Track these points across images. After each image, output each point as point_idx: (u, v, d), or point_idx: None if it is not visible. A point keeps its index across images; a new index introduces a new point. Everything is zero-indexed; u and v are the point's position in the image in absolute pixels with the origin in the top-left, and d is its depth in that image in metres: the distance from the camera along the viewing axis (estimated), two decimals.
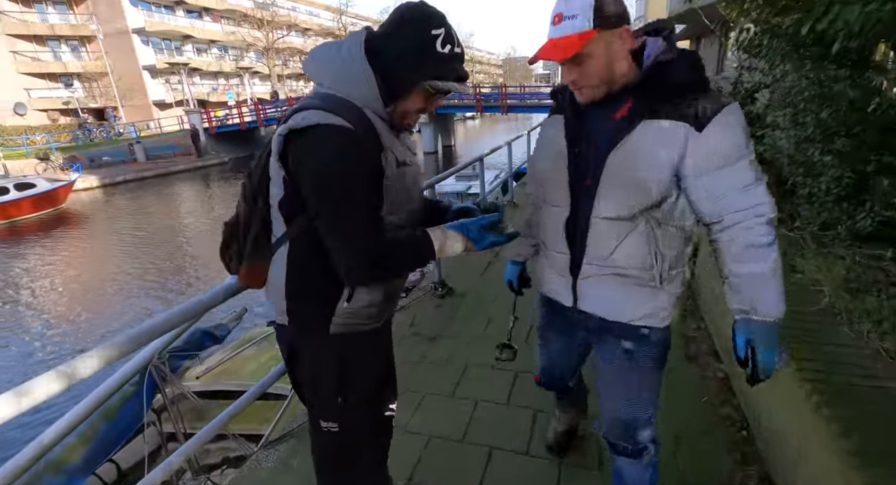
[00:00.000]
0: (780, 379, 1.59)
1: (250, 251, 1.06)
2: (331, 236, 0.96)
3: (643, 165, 1.02)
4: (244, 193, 1.07)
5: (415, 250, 1.02)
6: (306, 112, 0.92)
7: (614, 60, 1.01)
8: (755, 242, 0.99)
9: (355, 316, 1.06)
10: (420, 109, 1.03)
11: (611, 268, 1.12)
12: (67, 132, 23.82)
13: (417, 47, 0.94)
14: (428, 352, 2.80)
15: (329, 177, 0.92)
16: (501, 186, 7.34)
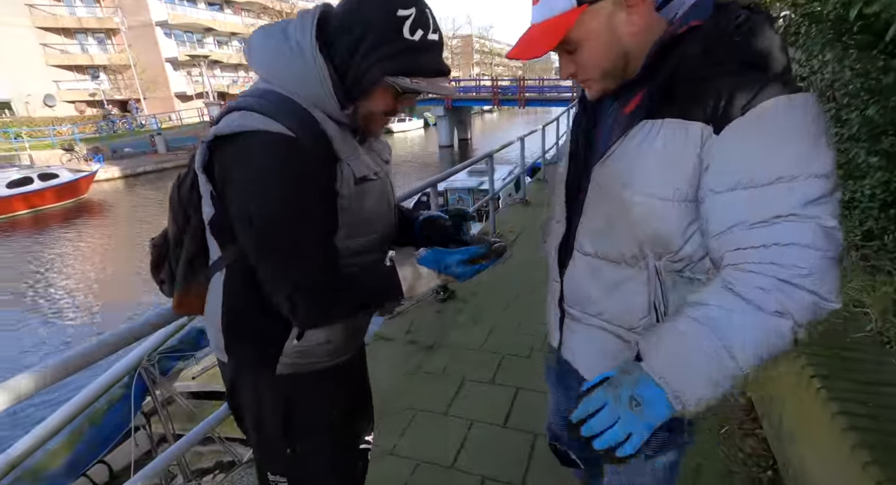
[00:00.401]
0: (815, 418, 1.37)
1: (183, 276, 0.89)
2: (264, 272, 0.78)
3: (635, 184, 0.71)
4: (172, 208, 0.89)
5: (376, 291, 0.83)
6: (237, 114, 0.74)
7: (620, 40, 0.71)
8: (743, 294, 0.61)
9: (308, 354, 0.89)
10: (388, 111, 0.83)
11: (594, 317, 0.86)
12: (92, 123, 24.34)
13: (379, 33, 0.74)
14: (424, 362, 2.63)
15: (259, 199, 0.73)
16: (514, 182, 7.10)
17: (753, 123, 0.62)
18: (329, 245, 0.80)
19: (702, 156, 0.66)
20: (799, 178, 0.61)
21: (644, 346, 0.66)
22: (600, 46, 0.72)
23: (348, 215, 0.81)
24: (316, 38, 0.75)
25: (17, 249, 11.61)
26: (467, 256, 0.85)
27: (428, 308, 3.29)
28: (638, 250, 0.75)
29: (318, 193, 0.77)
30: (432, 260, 0.84)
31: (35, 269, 10.25)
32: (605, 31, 0.71)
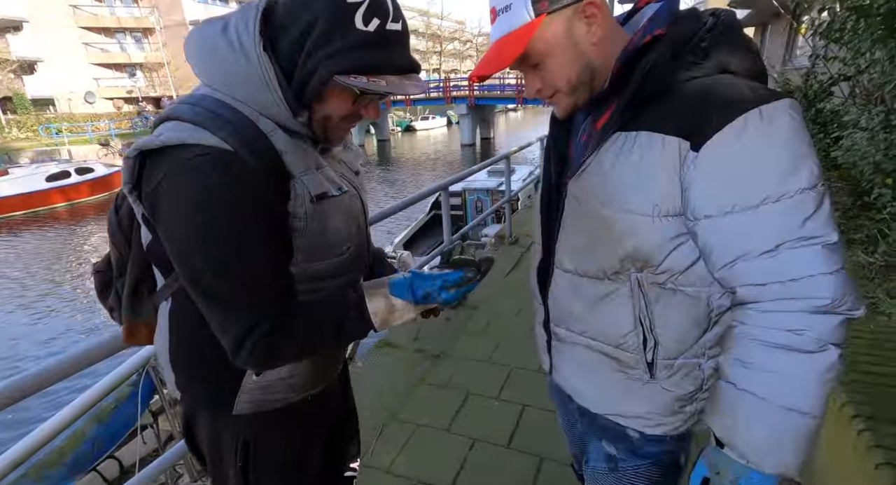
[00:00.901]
0: (854, 468, 1.20)
1: (129, 306, 0.81)
2: (209, 316, 0.69)
3: (614, 200, 0.68)
4: (111, 232, 0.81)
5: (340, 328, 0.72)
6: (168, 124, 0.65)
7: (582, 51, 0.70)
8: (775, 342, 0.61)
9: (270, 390, 0.80)
10: (348, 116, 0.72)
11: (579, 335, 0.82)
12: (127, 120, 25.26)
13: (326, 25, 0.62)
14: (429, 372, 2.54)
15: (194, 240, 0.63)
16: (535, 183, 6.93)
17: (732, 140, 0.60)
18: (282, 278, 0.70)
19: (682, 172, 0.63)
20: (787, 195, 0.59)
21: (725, 434, 0.68)
22: (564, 57, 0.71)
23: (306, 238, 0.71)
24: (260, 35, 0.64)
25: (57, 239, 12.11)
26: (450, 283, 0.75)
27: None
28: (619, 265, 0.72)
29: (265, 220, 0.66)
30: (407, 289, 0.74)
31: (70, 260, 10.65)
32: (566, 41, 0.70)
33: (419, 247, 8.72)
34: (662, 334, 0.73)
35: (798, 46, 9.05)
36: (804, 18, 6.07)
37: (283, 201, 0.68)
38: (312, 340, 0.73)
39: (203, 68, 0.69)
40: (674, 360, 0.75)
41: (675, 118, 0.63)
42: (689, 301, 0.70)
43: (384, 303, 0.74)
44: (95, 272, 0.88)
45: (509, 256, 4.21)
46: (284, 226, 0.69)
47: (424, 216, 9.24)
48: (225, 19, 0.68)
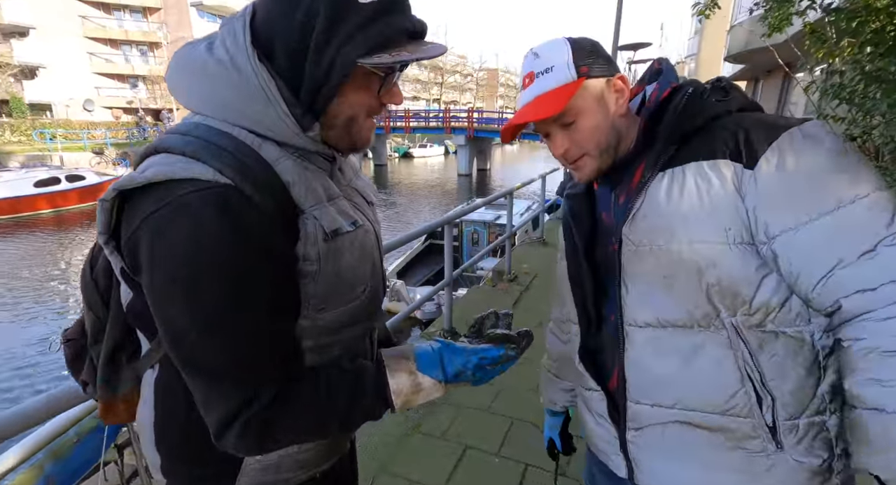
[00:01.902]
0: None
1: (105, 377, 0.68)
2: (194, 390, 0.57)
3: (680, 233, 0.66)
4: (85, 291, 0.69)
5: (351, 405, 0.61)
6: (155, 158, 0.56)
7: (613, 116, 0.74)
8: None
9: (275, 470, 0.68)
10: (371, 110, 0.63)
11: (671, 409, 0.71)
12: (124, 129, 25.18)
13: (327, 12, 0.54)
14: (424, 420, 2.37)
15: (174, 270, 0.52)
16: (532, 220, 6.91)
17: (785, 153, 0.61)
18: (284, 341, 0.59)
19: (742, 193, 0.63)
20: (860, 196, 0.59)
21: (889, 471, 0.56)
22: (596, 120, 0.73)
23: (319, 283, 0.60)
24: (252, 45, 0.56)
25: (38, 245, 11.75)
26: (488, 362, 0.66)
27: None
28: (708, 305, 0.66)
29: (267, 268, 0.55)
30: (437, 364, 0.65)
31: (65, 266, 10.30)
32: (599, 106, 0.73)
33: (413, 276, 8.58)
34: (777, 388, 0.64)
35: (791, 101, 9.39)
36: (799, 75, 6.29)
37: (290, 244, 0.57)
38: (318, 422, 0.61)
39: (192, 94, 0.59)
40: (797, 419, 0.65)
41: (719, 146, 0.65)
42: (794, 344, 0.64)
43: (409, 381, 0.63)
44: (66, 341, 0.74)
45: (508, 295, 4.11)
46: (291, 274, 0.58)
47: (419, 245, 9.15)
48: (209, 38, 0.60)
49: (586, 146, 0.74)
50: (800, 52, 3.33)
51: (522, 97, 0.75)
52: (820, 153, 0.61)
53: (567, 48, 0.72)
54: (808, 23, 3.00)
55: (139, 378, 0.68)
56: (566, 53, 0.72)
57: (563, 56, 0.72)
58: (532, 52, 0.75)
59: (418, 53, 0.58)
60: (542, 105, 0.71)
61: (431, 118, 28.31)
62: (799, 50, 3.35)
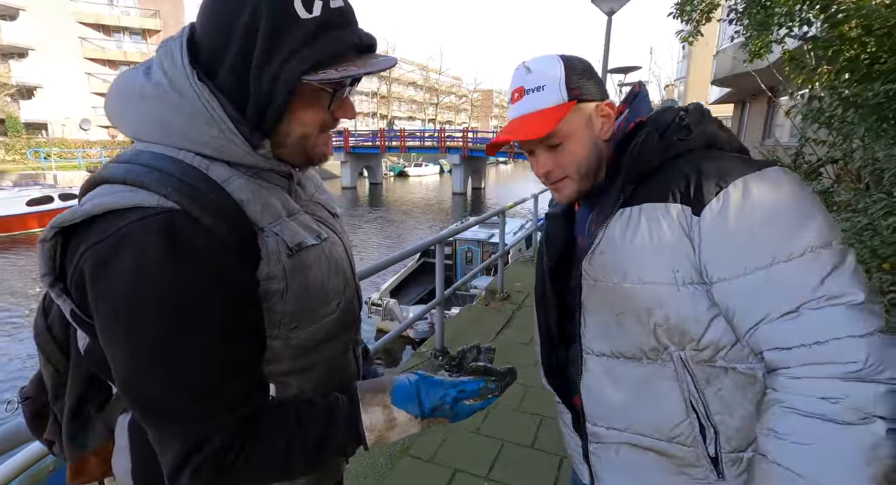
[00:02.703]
0: None
1: (71, 433, 0.63)
2: (137, 415, 0.54)
3: (631, 272, 0.68)
4: (41, 343, 0.64)
5: (321, 442, 0.58)
6: (97, 190, 0.53)
7: (597, 141, 0.75)
8: (809, 410, 0.56)
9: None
10: (325, 125, 0.61)
11: (623, 431, 0.74)
12: (120, 148, 25.25)
13: (267, 28, 0.52)
14: (413, 442, 2.34)
15: (114, 302, 0.49)
16: (525, 238, 6.95)
17: (732, 202, 0.61)
18: (244, 372, 0.55)
19: (690, 237, 0.64)
20: (797, 253, 0.58)
21: None
22: (584, 142, 0.74)
23: (288, 301, 0.58)
24: (192, 65, 0.55)
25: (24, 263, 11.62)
26: (467, 395, 0.64)
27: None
28: (656, 341, 0.68)
29: (219, 295, 0.51)
30: (413, 399, 0.61)
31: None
32: (586, 130, 0.74)
33: (407, 294, 8.55)
34: (723, 422, 0.66)
35: (777, 124, 9.63)
36: (782, 99, 6.49)
37: (249, 265, 0.55)
38: (283, 463, 0.57)
39: (132, 122, 0.57)
40: (741, 453, 0.66)
41: (673, 188, 0.66)
42: (744, 380, 0.65)
43: (383, 416, 0.60)
44: (24, 400, 0.69)
45: (500, 314, 4.10)
46: (248, 298, 0.55)
47: (413, 263, 9.14)
48: (146, 63, 0.59)
49: (569, 169, 0.74)
50: (781, 78, 3.45)
51: (511, 112, 0.75)
52: (767, 204, 0.60)
53: (560, 67, 0.71)
54: (787, 50, 3.12)
55: (111, 430, 0.64)
56: (559, 72, 0.71)
57: (556, 75, 0.71)
58: (524, 66, 0.73)
59: (367, 67, 0.56)
60: (531, 125, 0.71)
61: (427, 138, 28.69)
62: (780, 75, 3.46)
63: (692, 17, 4.30)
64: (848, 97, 2.32)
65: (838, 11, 2.36)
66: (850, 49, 2.37)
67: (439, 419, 0.64)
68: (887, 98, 2.03)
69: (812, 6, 2.68)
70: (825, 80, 2.70)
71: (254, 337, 0.57)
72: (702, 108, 0.74)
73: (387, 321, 6.94)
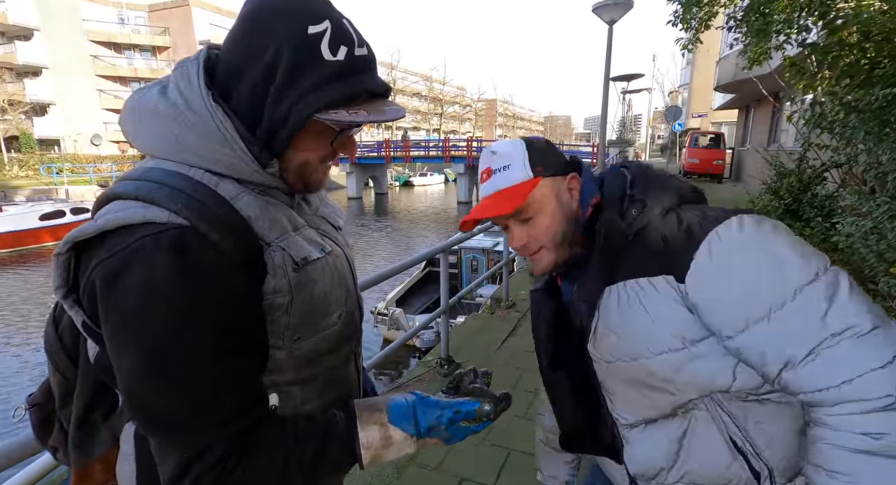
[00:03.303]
0: None
1: (77, 441, 0.65)
2: (142, 428, 0.56)
3: (640, 350, 0.68)
4: (50, 351, 0.67)
5: (317, 456, 0.58)
6: (110, 206, 0.56)
7: (566, 212, 0.77)
8: (854, 446, 0.55)
9: None
10: (325, 157, 0.65)
11: (679, 482, 0.73)
12: (131, 163, 25.70)
13: (291, 62, 0.56)
14: (419, 452, 2.34)
15: (124, 313, 0.51)
16: None
17: (707, 264, 0.62)
18: (244, 385, 0.57)
19: (685, 302, 0.64)
20: (789, 298, 0.58)
21: None
22: (552, 215, 0.76)
23: (292, 314, 0.60)
24: (207, 86, 0.58)
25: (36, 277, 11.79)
26: (462, 417, 0.64)
27: (430, 385, 3.02)
28: (687, 399, 0.68)
29: (226, 310, 0.53)
30: (409, 417, 0.62)
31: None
32: (555, 202, 0.76)
33: (413, 304, 8.55)
34: (771, 456, 0.65)
35: (782, 129, 9.60)
36: (786, 104, 6.48)
37: (255, 280, 0.57)
38: (280, 476, 0.57)
39: (146, 138, 0.60)
40: (793, 482, 0.66)
41: (650, 260, 0.66)
42: (781, 408, 0.65)
43: (379, 434, 0.60)
44: (31, 407, 0.71)
45: (506, 322, 4.09)
46: (253, 313, 0.57)
47: (419, 272, 9.15)
48: (161, 81, 0.61)
49: (543, 239, 0.76)
50: (783, 83, 3.46)
51: (482, 191, 0.79)
52: (739, 259, 0.61)
53: (522, 148, 0.76)
54: (788, 56, 3.13)
55: (117, 438, 0.65)
56: (522, 152, 0.76)
57: (520, 155, 0.76)
58: (489, 150, 0.79)
59: (375, 115, 0.60)
60: (501, 201, 0.75)
61: (431, 147, 28.85)
62: (782, 81, 3.47)
63: (691, 25, 4.34)
64: (849, 102, 2.33)
65: (837, 17, 2.38)
66: (849, 54, 2.38)
67: (435, 440, 0.64)
68: (888, 103, 2.03)
69: (811, 13, 2.71)
70: (826, 86, 2.71)
71: (256, 351, 0.58)
72: (642, 168, 0.77)
73: (393, 330, 6.94)
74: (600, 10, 5.83)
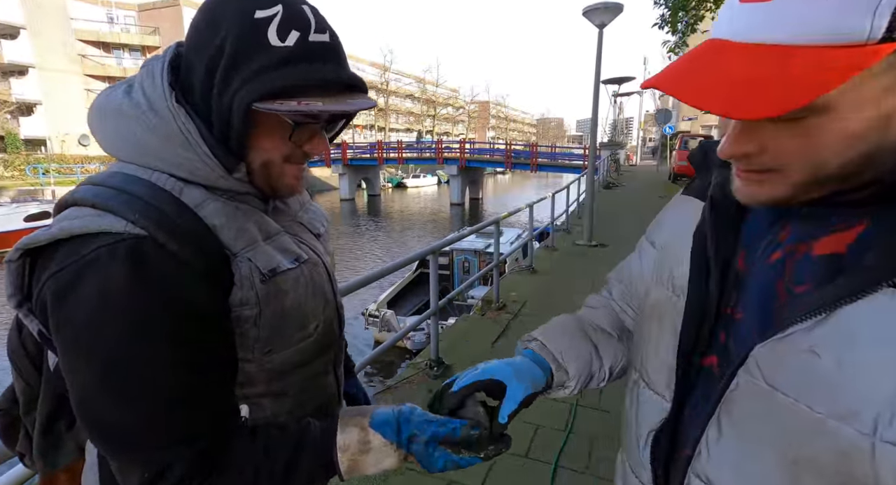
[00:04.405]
0: None
1: (42, 451, 0.63)
2: (99, 445, 0.52)
3: (865, 405, 0.35)
4: (13, 357, 0.64)
5: (289, 465, 0.55)
6: (67, 212, 0.53)
7: (888, 129, 0.36)
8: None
9: None
10: (290, 157, 0.60)
11: None
12: None
13: (234, 49, 0.52)
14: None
15: (77, 326, 0.48)
16: (522, 248, 6.97)
17: None
18: (208, 398, 0.53)
19: None
20: None
21: None
22: (857, 122, 0.36)
23: (262, 327, 0.58)
24: (170, 86, 0.55)
25: None
26: (447, 431, 0.57)
27: (419, 388, 3.01)
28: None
29: (183, 322, 0.50)
30: (392, 425, 0.57)
31: None
32: (876, 104, 0.35)
33: (404, 306, 8.54)
34: None
35: None
36: None
37: (219, 292, 0.54)
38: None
39: (109, 140, 0.57)
40: None
41: None
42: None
43: (357, 437, 0.56)
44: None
45: (496, 324, 4.10)
46: (216, 325, 0.54)
47: (410, 274, 9.15)
48: (129, 80, 0.58)
49: (793, 163, 0.39)
50: None
51: (733, 22, 0.38)
52: None
53: None
54: None
55: (83, 449, 0.63)
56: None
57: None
58: None
59: (335, 105, 0.54)
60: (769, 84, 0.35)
61: (424, 149, 28.87)
62: None
63: (678, 29, 4.38)
64: None
65: None
66: None
67: (414, 460, 0.58)
68: None
69: None
70: None
71: (220, 365, 0.55)
72: None
73: (384, 332, 6.92)
74: (590, 13, 5.87)
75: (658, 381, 0.54)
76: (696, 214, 0.56)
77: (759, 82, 0.35)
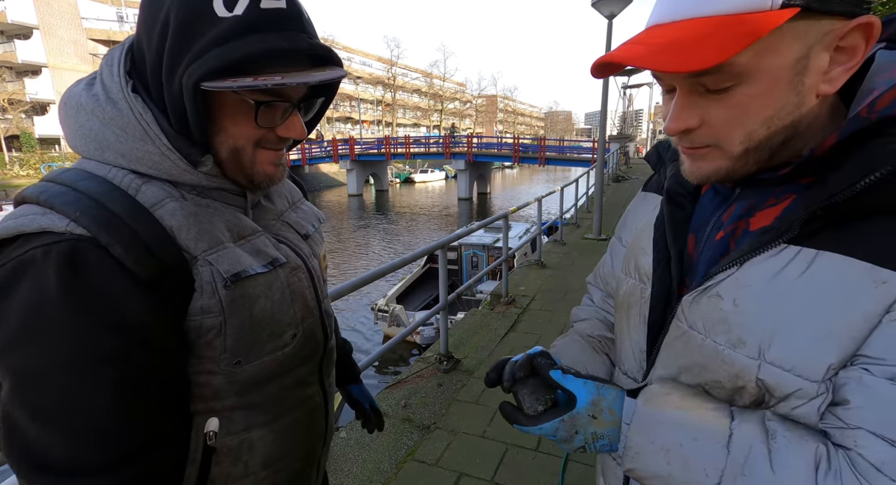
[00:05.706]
0: None
1: None
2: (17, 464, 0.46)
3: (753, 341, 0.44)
4: None
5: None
6: (17, 209, 0.49)
7: (802, 95, 0.42)
8: None
9: None
10: (261, 140, 0.54)
11: None
12: None
13: (179, 23, 0.47)
14: (418, 446, 2.35)
15: (10, 346, 0.44)
16: (530, 242, 6.95)
17: None
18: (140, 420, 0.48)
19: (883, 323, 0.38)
20: None
21: None
22: (777, 91, 0.41)
23: (228, 336, 0.53)
24: (129, 74, 0.51)
25: None
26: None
27: (429, 381, 3.03)
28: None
29: (127, 337, 0.46)
30: None
31: None
32: (790, 71, 0.40)
33: (413, 301, 8.57)
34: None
35: None
36: None
37: (174, 299, 0.50)
38: None
39: (71, 135, 0.53)
40: None
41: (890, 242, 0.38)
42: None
43: None
44: None
45: (505, 318, 4.10)
46: (166, 338, 0.49)
47: (419, 269, 9.17)
48: (94, 73, 0.55)
49: (728, 135, 0.44)
50: None
51: (659, 9, 0.44)
52: None
53: None
54: None
55: None
56: None
57: None
58: None
59: (295, 78, 0.49)
60: (692, 41, 0.39)
61: (432, 144, 28.83)
62: None
63: None
64: None
65: None
66: None
67: None
68: None
69: None
70: None
71: (157, 386, 0.49)
72: None
73: (393, 327, 6.97)
74: (599, 4, 5.80)
75: (631, 366, 0.60)
76: (655, 208, 0.62)
77: (681, 45, 0.40)
